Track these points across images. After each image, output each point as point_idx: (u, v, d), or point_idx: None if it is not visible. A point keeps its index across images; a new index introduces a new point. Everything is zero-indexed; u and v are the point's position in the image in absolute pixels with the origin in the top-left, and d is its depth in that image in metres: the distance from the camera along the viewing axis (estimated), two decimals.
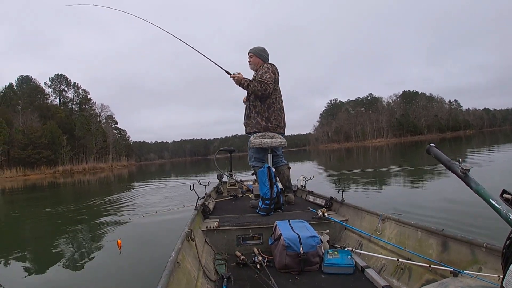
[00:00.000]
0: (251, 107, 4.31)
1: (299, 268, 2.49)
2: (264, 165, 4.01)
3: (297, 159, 34.25)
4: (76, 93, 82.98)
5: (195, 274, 2.20)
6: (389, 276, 2.32)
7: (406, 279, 2.18)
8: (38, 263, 4.63)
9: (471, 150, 21.60)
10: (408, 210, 5.52)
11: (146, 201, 9.23)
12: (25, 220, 8.41)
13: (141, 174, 35.73)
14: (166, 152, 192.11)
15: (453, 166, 1.46)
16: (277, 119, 4.25)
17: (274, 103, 4.23)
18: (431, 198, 6.53)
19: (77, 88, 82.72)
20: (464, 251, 1.94)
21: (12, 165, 54.23)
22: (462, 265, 1.88)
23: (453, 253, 2.01)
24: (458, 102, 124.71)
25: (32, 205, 12.75)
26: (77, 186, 23.92)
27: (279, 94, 4.32)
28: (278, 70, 4.41)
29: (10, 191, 22.92)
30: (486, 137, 47.85)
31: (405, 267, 2.22)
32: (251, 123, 4.29)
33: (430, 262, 2.05)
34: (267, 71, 4.17)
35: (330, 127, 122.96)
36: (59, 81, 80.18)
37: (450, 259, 2.00)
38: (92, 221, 6.77)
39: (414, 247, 2.31)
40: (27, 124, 60.32)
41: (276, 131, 4.24)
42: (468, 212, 4.99)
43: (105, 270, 3.94)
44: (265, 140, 4.11)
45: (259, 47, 4.42)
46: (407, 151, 33.12)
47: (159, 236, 5.14)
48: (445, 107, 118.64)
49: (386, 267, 2.40)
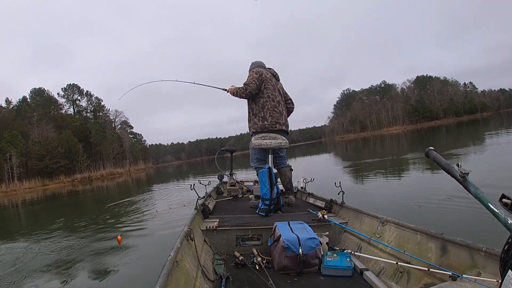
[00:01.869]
0: (249, 111, 4.38)
1: (298, 270, 2.49)
2: (265, 166, 4.00)
3: (313, 152, 34.15)
4: (90, 101, 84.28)
5: (194, 273, 2.20)
6: (387, 279, 2.31)
7: (405, 282, 2.17)
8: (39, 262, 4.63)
9: (489, 133, 21.14)
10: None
11: (156, 201, 9.22)
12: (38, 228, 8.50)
13: (159, 177, 36.15)
14: (183, 153, 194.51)
15: (452, 170, 1.49)
16: (273, 116, 4.20)
17: (267, 102, 4.21)
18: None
19: (90, 96, 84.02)
20: (463, 255, 1.93)
21: (30, 176, 55.33)
22: (461, 269, 1.88)
23: (452, 257, 2.00)
24: (473, 84, 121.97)
25: (48, 213, 12.89)
26: (95, 192, 24.25)
27: (273, 92, 4.28)
28: (275, 70, 4.54)
29: (31, 202, 23.28)
30: (504, 118, 46.95)
31: (404, 271, 2.22)
32: (251, 125, 4.33)
33: (429, 266, 2.04)
34: (250, 74, 4.29)
35: (345, 117, 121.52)
36: (71, 91, 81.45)
37: (449, 263, 1.99)
38: (97, 223, 6.77)
39: (413, 251, 2.30)
40: (43, 135, 61.48)
41: (276, 128, 4.19)
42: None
43: (104, 269, 3.94)
44: (265, 141, 4.10)
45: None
46: (424, 137, 32.65)
47: (159, 235, 5.12)
48: (460, 90, 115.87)
49: (385, 270, 2.39)
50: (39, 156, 57.20)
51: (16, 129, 56.96)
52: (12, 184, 51.55)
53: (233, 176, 6.28)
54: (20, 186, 50.73)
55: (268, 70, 4.43)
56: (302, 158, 26.89)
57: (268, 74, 4.33)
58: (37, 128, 62.90)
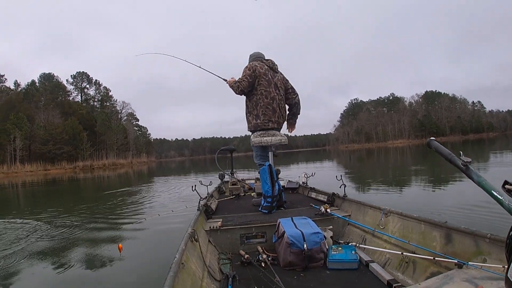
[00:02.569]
0: (245, 108, 4.33)
1: (304, 265, 2.50)
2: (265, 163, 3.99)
3: (316, 159, 34.05)
4: (98, 90, 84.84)
5: (200, 274, 2.19)
6: (393, 270, 2.32)
7: (411, 272, 2.18)
8: (38, 261, 4.53)
9: (494, 152, 21.01)
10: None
11: (155, 202, 9.14)
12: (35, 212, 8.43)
13: (160, 171, 36.07)
14: (186, 149, 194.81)
15: (454, 159, 1.51)
16: (266, 114, 4.10)
17: (260, 99, 4.11)
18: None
19: (98, 86, 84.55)
20: (468, 243, 1.94)
21: (32, 159, 55.75)
22: (466, 257, 1.88)
23: (457, 245, 2.01)
24: (481, 103, 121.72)
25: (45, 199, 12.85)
26: (96, 181, 24.25)
27: (267, 88, 4.13)
28: (273, 61, 4.37)
29: (31, 184, 23.36)
30: (510, 140, 46.65)
31: (410, 261, 2.23)
32: (247, 123, 4.30)
33: (435, 255, 2.04)
34: (243, 70, 4.18)
35: (351, 127, 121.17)
36: (80, 79, 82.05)
37: (454, 251, 2.00)
38: (98, 221, 6.68)
39: (418, 240, 2.32)
40: (49, 120, 61.97)
41: (268, 126, 4.11)
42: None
43: (109, 272, 3.83)
44: (264, 138, 4.07)
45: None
46: (429, 152, 32.49)
47: (162, 238, 5.06)
48: (468, 109, 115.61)
49: (391, 261, 2.41)
50: (43, 141, 57.57)
51: (22, 112, 57.41)
52: (14, 166, 52.04)
53: (234, 175, 6.29)
54: (22, 168, 51.15)
55: (265, 63, 4.26)
56: (304, 164, 26.76)
57: (263, 68, 4.17)
58: (43, 112, 63.35)
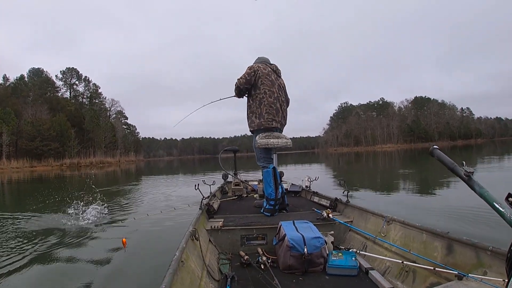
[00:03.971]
0: (247, 108, 4.28)
1: (303, 269, 2.49)
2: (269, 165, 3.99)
3: (305, 161, 34.15)
4: (87, 87, 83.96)
5: (199, 273, 2.20)
6: (393, 278, 2.31)
7: (410, 281, 2.16)
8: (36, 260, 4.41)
9: (481, 159, 21.22)
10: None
11: (151, 200, 9.06)
12: None
13: (149, 170, 35.78)
14: (175, 149, 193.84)
15: (457, 169, 1.49)
16: (270, 112, 4.04)
17: (264, 97, 4.06)
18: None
19: (87, 82, 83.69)
20: (469, 254, 1.93)
21: (19, 155, 54.80)
22: (467, 268, 1.87)
23: (458, 256, 2.00)
24: (470, 110, 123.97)
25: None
26: (83, 179, 23.91)
27: (270, 87, 4.10)
28: (277, 66, 4.41)
29: (17, 182, 22.91)
30: (497, 146, 47.32)
31: (410, 270, 2.22)
32: (249, 123, 4.24)
33: (435, 265, 2.04)
34: (244, 72, 4.18)
35: (340, 130, 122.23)
36: (70, 75, 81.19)
37: (455, 262, 1.99)
38: (97, 220, 6.54)
39: (419, 250, 2.31)
40: (36, 115, 60.99)
41: (272, 125, 4.05)
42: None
43: (109, 268, 3.76)
44: (271, 140, 3.99)
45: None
46: (417, 158, 32.75)
47: (163, 235, 5.01)
48: (457, 115, 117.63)
49: (391, 269, 2.39)
50: (30, 137, 56.73)
51: (10, 107, 56.41)
52: (0, 162, 51.05)
53: (238, 176, 6.28)
54: (8, 165, 50.25)
55: (269, 66, 4.28)
56: (293, 166, 26.80)
57: (266, 69, 4.17)
58: (31, 108, 62.37)
